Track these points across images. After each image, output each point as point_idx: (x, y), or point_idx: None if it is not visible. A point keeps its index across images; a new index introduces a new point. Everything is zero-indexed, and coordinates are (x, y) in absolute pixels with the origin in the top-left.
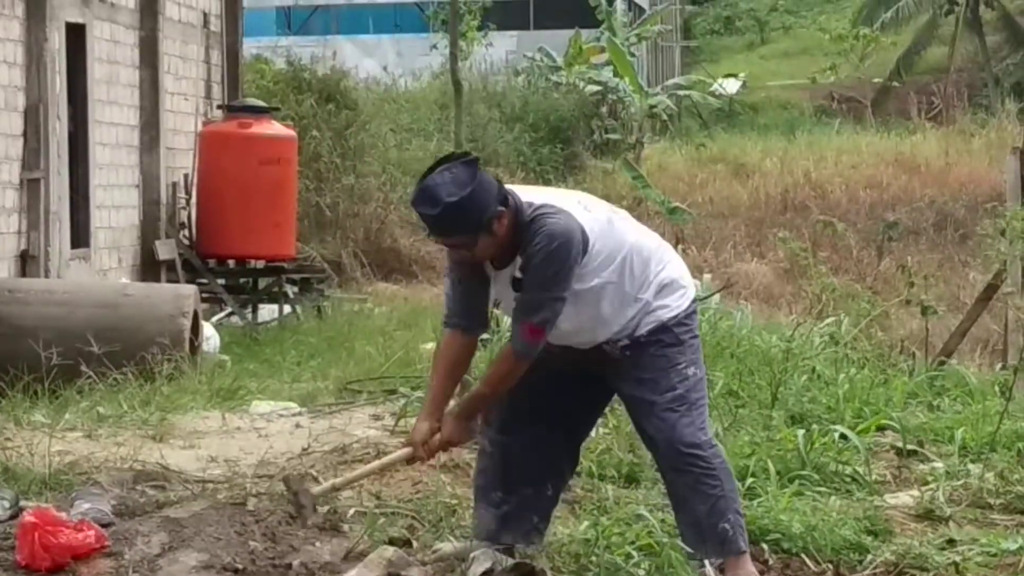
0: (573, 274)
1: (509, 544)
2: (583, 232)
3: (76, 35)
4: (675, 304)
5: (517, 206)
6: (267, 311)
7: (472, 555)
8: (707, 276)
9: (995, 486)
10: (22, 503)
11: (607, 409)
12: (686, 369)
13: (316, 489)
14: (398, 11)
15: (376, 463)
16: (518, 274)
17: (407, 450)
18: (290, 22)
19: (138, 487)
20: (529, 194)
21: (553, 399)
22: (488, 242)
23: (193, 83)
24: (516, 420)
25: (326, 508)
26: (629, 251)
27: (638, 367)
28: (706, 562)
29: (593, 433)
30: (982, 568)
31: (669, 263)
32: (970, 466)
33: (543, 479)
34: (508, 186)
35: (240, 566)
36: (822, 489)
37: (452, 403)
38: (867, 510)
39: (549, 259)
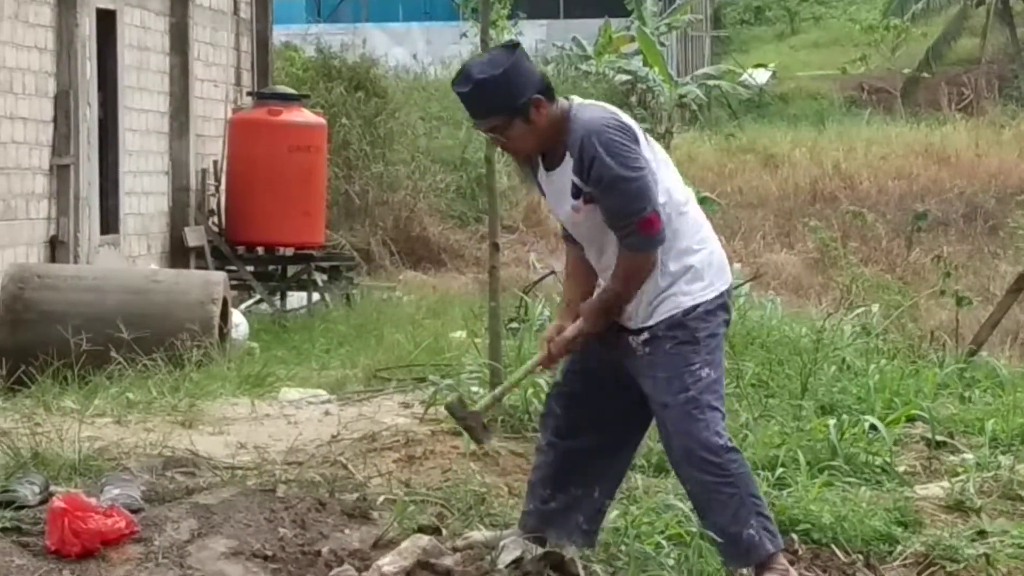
0: (633, 150)
1: (553, 540)
2: (620, 119)
3: (107, 21)
4: (698, 293)
5: (568, 106)
6: (296, 299)
7: (502, 543)
8: (737, 266)
9: None
10: (52, 488)
11: None
12: (700, 370)
13: (478, 405)
14: None
15: (518, 372)
16: (575, 180)
17: (541, 353)
18: (320, 10)
19: (167, 473)
20: (585, 101)
21: (605, 407)
22: (524, 130)
23: (223, 70)
24: (570, 427)
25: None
26: (680, 201)
27: (653, 365)
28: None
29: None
30: (1012, 560)
31: (707, 248)
32: (1000, 457)
33: (592, 482)
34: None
35: (269, 552)
36: (852, 480)
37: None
38: (897, 501)
39: (598, 153)
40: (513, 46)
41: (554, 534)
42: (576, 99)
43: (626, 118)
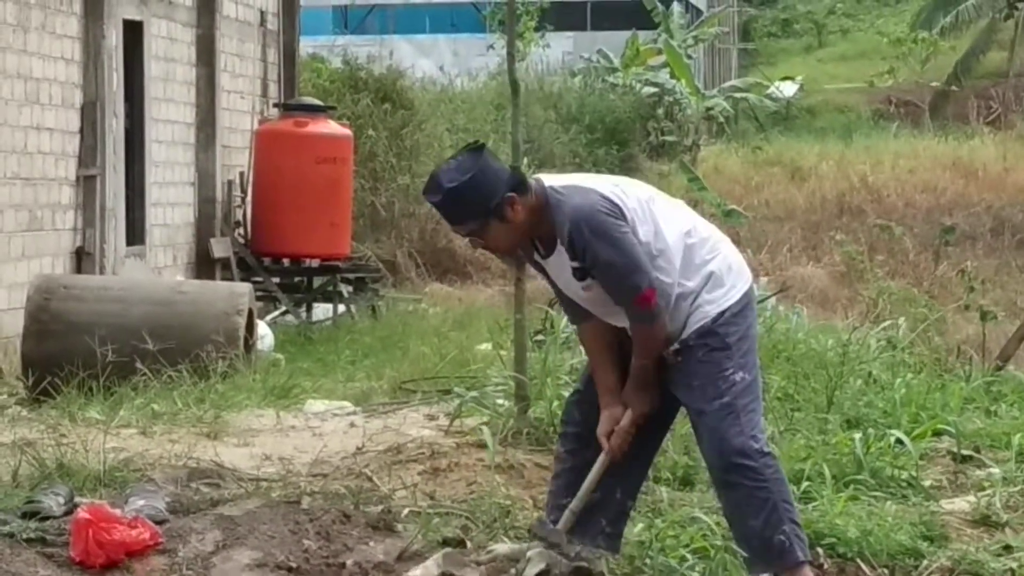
0: (621, 230)
1: (577, 546)
2: (604, 197)
3: (133, 32)
4: (722, 299)
5: (543, 192)
6: (321, 310)
7: (527, 555)
8: (763, 279)
9: None
10: (76, 499)
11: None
12: (733, 375)
13: (560, 525)
14: (455, 11)
15: (590, 479)
16: (574, 265)
17: (605, 450)
18: (347, 21)
19: (192, 484)
20: (558, 179)
21: None
22: (501, 229)
23: (250, 81)
24: (590, 433)
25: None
26: (676, 237)
27: (687, 374)
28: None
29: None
30: None
31: (720, 253)
32: None
33: (614, 485)
34: (540, 175)
35: (294, 564)
36: (878, 494)
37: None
38: (923, 515)
39: (587, 240)
40: (479, 148)
41: (577, 540)
42: (547, 180)
43: (608, 190)
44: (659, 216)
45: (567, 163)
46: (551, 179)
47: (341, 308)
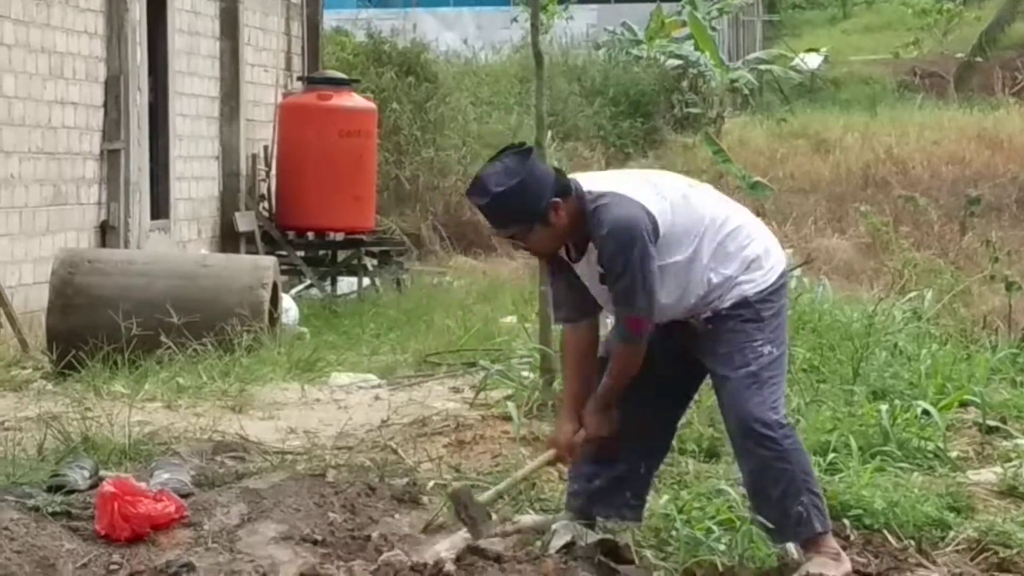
0: (650, 256)
1: (602, 518)
2: (649, 215)
3: (157, 6)
4: (760, 279)
5: (580, 196)
6: (346, 284)
7: (552, 528)
8: (788, 251)
9: None
10: (102, 473)
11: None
12: (762, 347)
13: (483, 497)
14: None
15: (526, 468)
16: (601, 271)
17: (552, 452)
18: None
19: (217, 458)
20: (595, 181)
21: (648, 376)
22: (545, 233)
23: (273, 55)
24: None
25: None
26: (709, 226)
27: (717, 341)
28: (788, 544)
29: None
30: None
31: (756, 238)
32: None
33: (636, 457)
34: (575, 174)
35: (319, 537)
36: (904, 465)
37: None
38: (949, 486)
39: (617, 251)
40: (526, 151)
41: (602, 511)
42: (584, 183)
43: (649, 196)
44: (694, 208)
45: (591, 136)
46: (588, 181)
47: (366, 281)
